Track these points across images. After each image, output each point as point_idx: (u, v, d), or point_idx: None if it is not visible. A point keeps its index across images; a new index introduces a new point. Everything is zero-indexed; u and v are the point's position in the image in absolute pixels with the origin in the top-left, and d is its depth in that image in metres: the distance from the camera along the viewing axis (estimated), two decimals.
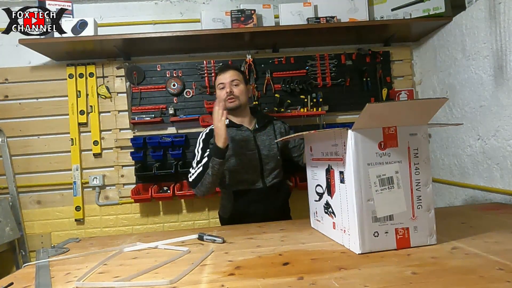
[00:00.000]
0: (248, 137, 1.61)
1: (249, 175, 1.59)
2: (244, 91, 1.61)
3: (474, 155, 1.84)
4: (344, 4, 2.22)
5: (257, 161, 1.59)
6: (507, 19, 1.57)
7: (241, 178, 1.59)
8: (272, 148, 1.62)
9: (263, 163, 1.60)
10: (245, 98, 1.62)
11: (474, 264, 0.81)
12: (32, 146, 2.24)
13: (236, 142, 1.59)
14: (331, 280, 0.77)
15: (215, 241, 1.15)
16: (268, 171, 1.61)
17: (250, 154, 1.58)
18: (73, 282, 0.86)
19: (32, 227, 2.24)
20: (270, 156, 1.61)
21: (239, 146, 1.59)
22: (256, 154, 1.59)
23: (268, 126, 1.68)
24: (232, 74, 1.60)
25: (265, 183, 1.60)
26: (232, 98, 1.57)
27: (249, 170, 1.58)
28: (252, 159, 1.58)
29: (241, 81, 1.61)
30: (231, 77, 1.59)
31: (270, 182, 1.61)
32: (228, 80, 1.58)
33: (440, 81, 2.13)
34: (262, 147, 1.60)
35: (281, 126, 1.71)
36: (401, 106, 0.96)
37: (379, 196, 0.92)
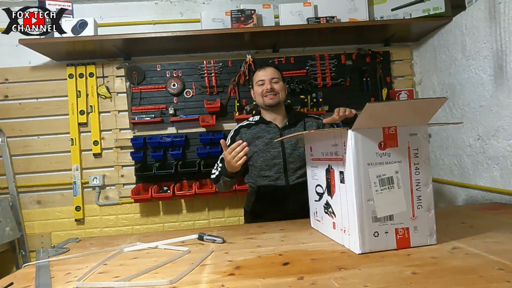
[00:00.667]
0: (274, 134, 1.59)
1: (272, 172, 1.58)
2: (283, 88, 1.62)
3: (474, 155, 1.84)
4: (344, 4, 2.22)
5: (281, 159, 1.57)
6: (507, 19, 1.57)
7: (264, 174, 1.59)
8: (297, 147, 1.58)
9: (287, 162, 1.57)
10: (283, 95, 1.62)
11: (474, 264, 0.81)
12: (32, 146, 2.24)
13: (262, 139, 1.59)
14: (331, 280, 0.77)
15: (215, 241, 1.15)
16: (292, 170, 1.57)
17: (274, 152, 1.57)
18: (73, 282, 0.86)
19: (32, 227, 2.24)
20: (295, 155, 1.57)
21: (265, 143, 1.58)
22: (280, 152, 1.57)
23: (298, 124, 1.64)
24: (272, 72, 1.61)
25: (288, 181, 1.57)
26: (273, 94, 1.58)
27: (272, 168, 1.58)
28: (276, 156, 1.57)
29: (280, 79, 1.62)
30: (271, 75, 1.60)
31: (294, 181, 1.57)
32: (269, 77, 1.59)
33: (440, 81, 2.13)
34: (287, 145, 1.58)
35: (312, 124, 1.66)
36: (401, 105, 0.96)
37: (379, 196, 0.92)
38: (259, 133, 1.61)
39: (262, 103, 1.61)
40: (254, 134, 1.62)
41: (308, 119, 1.67)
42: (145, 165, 2.23)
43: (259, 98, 1.61)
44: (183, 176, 2.25)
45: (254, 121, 1.66)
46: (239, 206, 2.33)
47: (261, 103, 1.62)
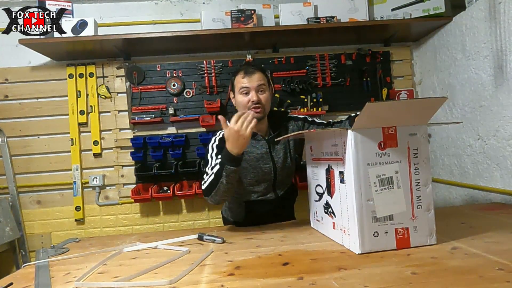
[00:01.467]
0: (263, 148, 1.42)
1: (262, 188, 1.45)
2: (269, 99, 1.39)
3: (474, 155, 1.84)
4: (344, 4, 2.22)
5: (272, 175, 1.43)
6: (507, 19, 1.57)
7: (254, 190, 1.45)
8: (286, 157, 1.45)
9: (277, 175, 1.44)
10: (268, 107, 1.40)
11: (474, 264, 0.81)
12: (32, 146, 2.24)
13: (252, 154, 1.41)
14: (331, 280, 0.77)
15: (215, 241, 1.15)
16: (280, 182, 1.46)
17: (266, 168, 1.41)
18: (73, 282, 0.86)
19: (32, 227, 2.24)
20: (285, 168, 1.45)
21: (255, 158, 1.40)
22: (272, 168, 1.42)
23: (283, 133, 1.44)
24: (259, 77, 1.36)
25: (276, 193, 1.47)
26: (258, 108, 1.34)
27: (262, 184, 1.44)
28: (267, 172, 1.42)
29: (267, 85, 1.39)
30: (258, 81, 1.35)
31: (281, 192, 1.49)
32: (255, 84, 1.35)
33: (440, 81, 2.13)
34: (276, 159, 1.43)
35: (293, 129, 1.49)
36: (400, 105, 0.96)
37: (379, 196, 0.92)
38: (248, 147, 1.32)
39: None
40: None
41: (290, 124, 1.50)
42: (145, 165, 2.23)
43: (243, 109, 1.35)
44: (183, 176, 2.25)
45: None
46: None
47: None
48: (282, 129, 1.46)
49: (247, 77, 1.36)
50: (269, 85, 1.42)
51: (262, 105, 1.35)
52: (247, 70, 1.39)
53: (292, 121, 1.50)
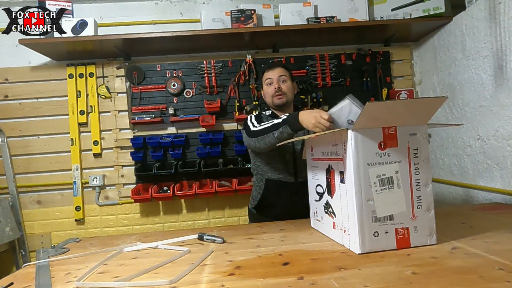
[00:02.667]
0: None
1: (283, 166, 1.58)
2: (291, 88, 1.60)
3: (474, 155, 1.84)
4: (344, 4, 2.22)
5: (291, 155, 1.57)
6: (507, 19, 1.57)
7: (275, 165, 1.58)
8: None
9: (296, 158, 1.57)
10: (291, 95, 1.61)
11: (474, 264, 0.81)
12: (32, 146, 2.24)
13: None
14: (331, 280, 0.77)
15: (215, 241, 1.15)
16: (301, 167, 1.56)
17: (285, 147, 1.56)
18: (73, 282, 0.86)
19: (32, 227, 2.24)
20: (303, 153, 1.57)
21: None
22: (291, 149, 1.57)
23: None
24: (280, 70, 1.59)
25: (297, 178, 1.57)
26: (280, 95, 1.56)
27: (283, 161, 1.57)
28: (287, 151, 1.57)
29: (288, 78, 1.60)
30: (279, 73, 1.58)
31: (302, 178, 1.55)
32: (276, 75, 1.57)
33: (440, 81, 2.13)
34: (296, 142, 1.58)
35: None
36: (400, 105, 0.96)
37: (379, 196, 0.92)
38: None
39: (271, 103, 1.60)
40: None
41: None
42: (145, 165, 2.23)
43: (269, 99, 1.60)
44: (183, 176, 2.25)
45: (267, 115, 1.65)
46: (239, 206, 2.33)
47: (270, 103, 1.61)
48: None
49: (270, 71, 1.61)
50: (291, 78, 1.63)
51: (284, 92, 1.56)
52: (271, 66, 1.63)
53: None
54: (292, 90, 1.62)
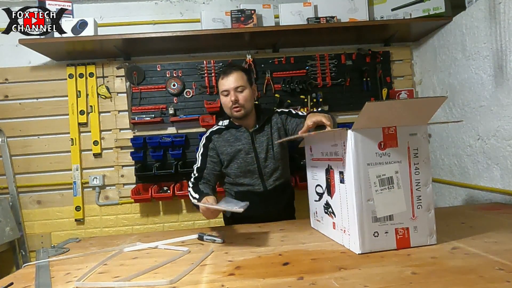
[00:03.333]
0: (245, 140, 1.54)
1: (248, 179, 1.54)
2: (249, 97, 1.49)
3: (474, 155, 1.84)
4: (344, 4, 2.22)
5: (255, 165, 1.53)
6: (507, 19, 1.57)
7: (239, 181, 1.55)
8: (269, 148, 1.54)
9: (261, 166, 1.53)
10: (250, 104, 1.51)
11: (474, 264, 0.81)
12: (32, 146, 2.24)
13: (234, 146, 1.54)
14: (331, 280, 0.77)
15: (215, 241, 1.15)
16: (268, 173, 1.54)
17: (248, 158, 1.52)
18: (73, 282, 0.86)
19: (32, 227, 2.24)
20: (269, 158, 1.54)
21: (237, 150, 1.53)
22: (254, 158, 1.53)
23: (266, 125, 1.57)
24: (236, 78, 1.46)
25: (265, 186, 1.54)
26: (237, 107, 1.47)
27: (248, 174, 1.53)
28: (250, 162, 1.52)
29: (246, 86, 1.49)
30: (235, 83, 1.46)
31: (271, 185, 1.55)
32: (232, 86, 1.46)
33: (440, 81, 2.13)
34: (259, 150, 1.53)
35: (277, 121, 1.58)
36: (400, 104, 0.96)
37: (379, 196, 0.92)
38: (230, 140, 1.55)
39: (230, 115, 1.53)
40: (226, 141, 1.55)
41: (274, 117, 1.59)
42: (145, 165, 2.23)
43: (227, 110, 1.51)
44: (183, 176, 2.24)
45: (224, 126, 1.58)
46: None
47: (229, 114, 1.53)
48: (265, 122, 1.58)
49: (225, 79, 1.48)
50: (250, 83, 1.52)
51: (241, 105, 1.47)
52: (225, 72, 1.49)
53: (277, 114, 1.61)
54: (251, 98, 1.51)
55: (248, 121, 1.56)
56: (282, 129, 1.58)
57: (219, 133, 1.58)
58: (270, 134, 1.56)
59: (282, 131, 1.58)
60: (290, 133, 1.57)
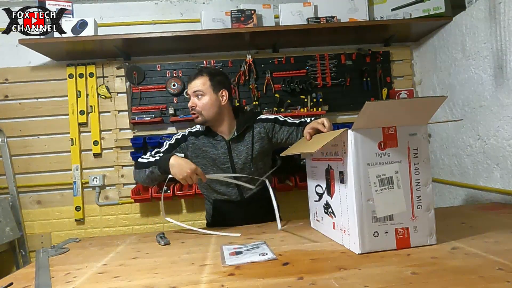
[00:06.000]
0: (221, 148, 1.45)
1: (224, 188, 1.48)
2: (208, 103, 1.40)
3: (474, 155, 1.84)
4: (344, 4, 2.22)
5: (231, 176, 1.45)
6: (507, 19, 1.57)
7: (217, 189, 1.49)
8: (248, 159, 1.45)
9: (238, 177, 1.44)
10: (211, 112, 1.41)
11: (474, 264, 0.81)
12: (32, 146, 2.24)
13: (208, 154, 1.45)
14: (331, 280, 0.77)
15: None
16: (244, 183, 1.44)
17: (224, 167, 1.44)
18: (73, 282, 0.86)
19: (32, 227, 2.24)
20: (246, 168, 1.45)
21: (212, 159, 1.45)
22: (230, 168, 1.44)
23: (247, 133, 1.47)
24: (196, 83, 1.41)
25: (242, 195, 1.48)
26: (194, 113, 1.42)
27: (223, 183, 1.46)
28: (225, 172, 1.44)
29: (207, 92, 1.41)
30: (194, 87, 1.41)
31: (248, 193, 1.48)
32: (191, 90, 1.42)
33: (440, 81, 2.13)
34: (237, 160, 1.44)
35: (260, 130, 1.47)
36: (400, 104, 0.96)
37: (379, 196, 0.92)
38: (206, 146, 1.46)
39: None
40: (201, 146, 1.47)
41: (256, 125, 1.49)
42: None
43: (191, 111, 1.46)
44: None
45: (201, 130, 1.50)
46: None
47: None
48: (246, 131, 1.47)
49: (189, 83, 1.44)
50: (214, 88, 1.42)
51: (197, 111, 1.41)
52: (191, 75, 1.45)
53: (260, 123, 1.50)
54: (212, 105, 1.41)
55: (222, 128, 1.47)
56: (266, 139, 1.48)
57: (196, 136, 1.49)
58: (251, 144, 1.46)
59: (266, 141, 1.48)
60: (282, 142, 1.49)
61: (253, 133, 1.47)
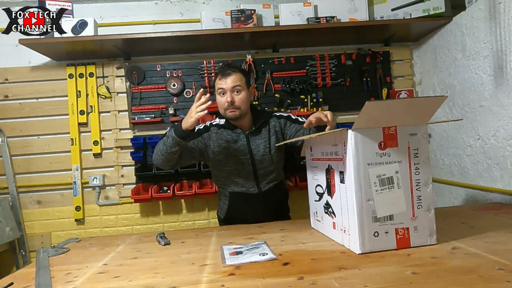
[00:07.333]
0: (241, 141, 1.53)
1: (243, 179, 1.54)
2: (245, 99, 1.48)
3: (474, 155, 1.84)
4: (344, 4, 2.22)
5: (250, 167, 1.53)
6: (507, 19, 1.57)
7: (235, 180, 1.55)
8: (266, 151, 1.54)
9: (257, 168, 1.53)
10: (246, 106, 1.50)
11: (474, 264, 0.81)
12: (32, 146, 2.24)
13: (230, 146, 1.53)
14: (331, 280, 0.77)
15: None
16: (262, 176, 1.55)
17: (244, 159, 1.52)
18: (73, 282, 0.86)
19: (32, 227, 2.24)
20: (265, 160, 1.53)
21: (233, 149, 1.52)
22: (249, 160, 1.52)
23: (263, 127, 1.57)
24: (234, 79, 1.45)
25: (260, 188, 1.55)
26: (232, 109, 1.46)
27: (243, 174, 1.53)
28: (245, 164, 1.52)
29: (243, 87, 1.48)
30: (232, 83, 1.45)
31: (265, 187, 1.56)
32: (230, 86, 1.45)
33: (440, 81, 2.13)
34: (255, 152, 1.52)
35: (275, 125, 1.58)
36: (400, 104, 0.96)
37: (379, 196, 0.92)
38: (227, 137, 1.53)
39: (224, 115, 1.51)
40: (223, 137, 1.54)
41: (272, 120, 1.59)
42: (145, 165, 2.22)
43: (221, 110, 1.50)
44: (183, 176, 2.25)
45: (221, 124, 1.57)
46: None
47: (223, 115, 1.52)
48: (263, 125, 1.57)
49: (223, 79, 1.47)
50: (247, 85, 1.52)
51: (237, 107, 1.46)
52: (224, 72, 1.48)
53: (274, 118, 1.61)
54: (248, 100, 1.50)
55: (243, 122, 1.55)
56: (280, 133, 1.58)
57: (217, 128, 1.56)
58: (268, 137, 1.56)
59: (280, 135, 1.58)
60: (288, 138, 1.56)
61: (269, 128, 1.57)
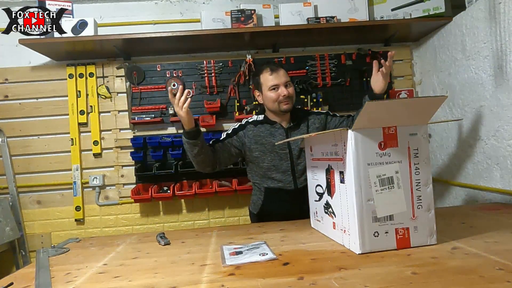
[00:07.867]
0: (280, 136, 1.55)
1: (280, 175, 1.54)
2: (294, 93, 1.57)
3: (474, 155, 1.84)
4: (344, 4, 2.22)
5: (289, 161, 1.54)
6: (507, 19, 1.57)
7: (272, 176, 1.56)
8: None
9: (295, 164, 1.54)
10: (294, 100, 1.58)
11: (474, 264, 0.81)
12: (32, 146, 2.24)
13: (269, 139, 1.54)
14: (331, 280, 0.77)
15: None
16: (300, 172, 1.54)
17: (282, 153, 1.53)
18: (73, 282, 0.86)
19: (32, 227, 2.24)
20: (302, 156, 1.53)
21: (272, 144, 1.53)
22: (288, 154, 1.54)
23: (302, 123, 1.59)
24: (284, 74, 1.54)
25: (296, 184, 1.54)
26: (287, 101, 1.51)
27: (280, 169, 1.54)
28: (284, 158, 1.53)
29: (290, 81, 1.57)
30: (285, 78, 1.52)
31: (301, 184, 1.53)
32: (283, 81, 1.51)
33: (440, 81, 2.13)
34: (294, 147, 1.54)
35: (315, 121, 1.60)
36: (400, 104, 0.96)
37: (379, 196, 0.92)
38: (265, 132, 1.56)
39: (277, 109, 1.53)
40: (260, 133, 1.56)
41: (310, 117, 1.62)
42: (145, 165, 2.23)
43: (273, 104, 1.52)
44: (183, 176, 2.25)
45: (259, 120, 1.60)
46: (239, 206, 2.33)
47: (275, 109, 1.53)
48: (301, 121, 1.60)
49: (274, 74, 1.52)
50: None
51: (292, 98, 1.53)
52: (272, 68, 1.53)
53: (313, 115, 1.64)
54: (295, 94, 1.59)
55: (285, 117, 1.58)
56: (321, 129, 1.60)
57: (254, 125, 1.59)
58: (307, 133, 1.56)
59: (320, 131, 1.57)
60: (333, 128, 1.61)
61: (308, 124, 1.60)
